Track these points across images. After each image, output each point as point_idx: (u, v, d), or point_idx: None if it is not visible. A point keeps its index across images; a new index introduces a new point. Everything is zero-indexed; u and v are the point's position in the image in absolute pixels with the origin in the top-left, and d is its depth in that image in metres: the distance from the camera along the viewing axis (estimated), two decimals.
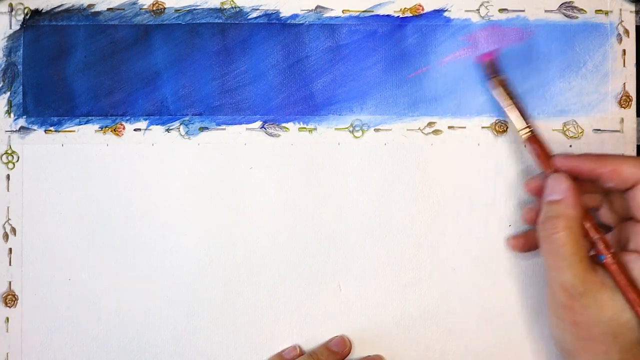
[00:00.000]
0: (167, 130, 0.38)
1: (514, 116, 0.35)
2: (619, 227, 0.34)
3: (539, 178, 0.35)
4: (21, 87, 0.38)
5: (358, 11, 0.38)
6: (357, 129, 0.38)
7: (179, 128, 0.38)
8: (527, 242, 0.36)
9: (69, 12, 0.38)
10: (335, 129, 0.38)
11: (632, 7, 0.38)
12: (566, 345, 0.32)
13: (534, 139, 0.34)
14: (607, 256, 0.31)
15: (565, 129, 0.38)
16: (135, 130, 0.38)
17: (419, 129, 0.38)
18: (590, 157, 0.33)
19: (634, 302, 0.30)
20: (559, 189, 0.32)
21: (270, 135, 0.38)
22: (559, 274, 0.31)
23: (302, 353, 0.37)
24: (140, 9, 0.38)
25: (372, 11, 0.38)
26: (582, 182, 0.33)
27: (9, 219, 0.38)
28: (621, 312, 0.30)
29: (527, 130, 0.35)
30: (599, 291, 0.30)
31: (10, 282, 0.38)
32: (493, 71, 0.36)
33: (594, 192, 0.35)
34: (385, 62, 0.38)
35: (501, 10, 0.38)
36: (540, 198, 0.34)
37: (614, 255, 0.31)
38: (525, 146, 0.36)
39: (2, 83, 0.38)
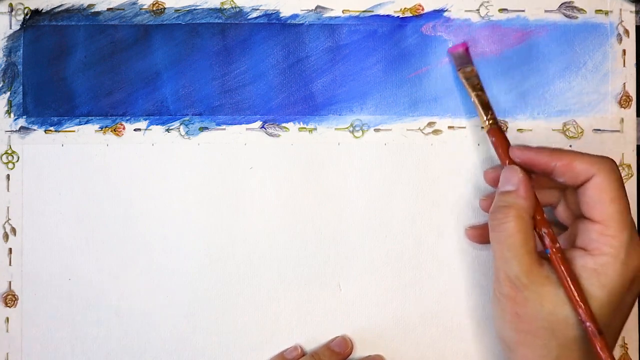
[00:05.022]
0: (167, 130, 0.38)
1: (477, 107, 0.35)
2: (572, 225, 0.34)
3: (498, 169, 0.35)
4: (21, 87, 0.38)
5: (358, 11, 0.38)
6: (357, 129, 0.38)
7: (179, 128, 0.38)
8: (484, 233, 0.36)
9: (69, 12, 0.38)
10: (335, 129, 0.38)
11: (632, 7, 0.38)
12: (506, 337, 0.32)
13: (495, 131, 0.35)
14: (552, 249, 0.31)
15: (565, 129, 0.38)
16: (135, 130, 0.38)
17: (419, 129, 0.38)
18: (545, 150, 0.32)
19: (573, 297, 0.30)
20: (512, 180, 0.32)
21: (270, 135, 0.38)
22: (505, 264, 0.31)
23: (303, 353, 0.37)
24: (140, 9, 0.38)
25: (372, 11, 0.38)
26: (540, 178, 0.33)
27: (9, 219, 0.38)
28: (562, 307, 0.30)
29: (489, 121, 0.35)
30: (542, 285, 0.30)
31: (10, 282, 0.38)
32: (462, 62, 0.37)
33: (551, 188, 0.35)
34: (385, 62, 0.38)
35: (501, 10, 0.38)
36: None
37: (558, 250, 0.31)
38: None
39: (2, 83, 0.38)
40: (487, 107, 0.35)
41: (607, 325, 0.30)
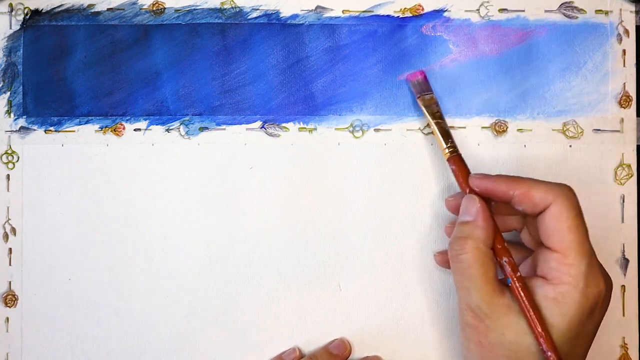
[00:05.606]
0: (167, 130, 0.38)
1: (437, 135, 0.35)
2: (534, 252, 0.33)
3: (459, 197, 0.35)
4: (21, 87, 0.38)
5: (358, 11, 0.38)
6: (357, 129, 0.38)
7: (179, 128, 0.38)
8: None
9: (69, 12, 0.38)
10: (335, 129, 0.38)
11: (632, 7, 0.38)
12: None
13: (454, 159, 0.34)
14: (513, 279, 0.31)
15: (565, 129, 0.38)
16: (135, 130, 0.38)
17: (419, 129, 0.38)
18: (504, 178, 0.32)
19: (535, 327, 0.30)
20: (470, 210, 0.32)
21: (270, 135, 0.38)
22: (466, 294, 0.31)
23: (302, 355, 0.37)
24: (140, 9, 0.38)
25: (372, 11, 0.38)
26: (503, 205, 0.33)
27: (9, 219, 0.38)
28: (523, 336, 0.30)
29: (450, 149, 0.35)
30: (504, 314, 0.30)
31: (10, 282, 0.38)
32: (422, 90, 0.37)
33: (514, 214, 0.34)
34: (385, 62, 0.38)
35: (501, 10, 0.38)
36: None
37: (519, 279, 0.31)
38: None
39: (2, 83, 0.38)
40: (446, 135, 0.35)
41: (569, 354, 0.30)
